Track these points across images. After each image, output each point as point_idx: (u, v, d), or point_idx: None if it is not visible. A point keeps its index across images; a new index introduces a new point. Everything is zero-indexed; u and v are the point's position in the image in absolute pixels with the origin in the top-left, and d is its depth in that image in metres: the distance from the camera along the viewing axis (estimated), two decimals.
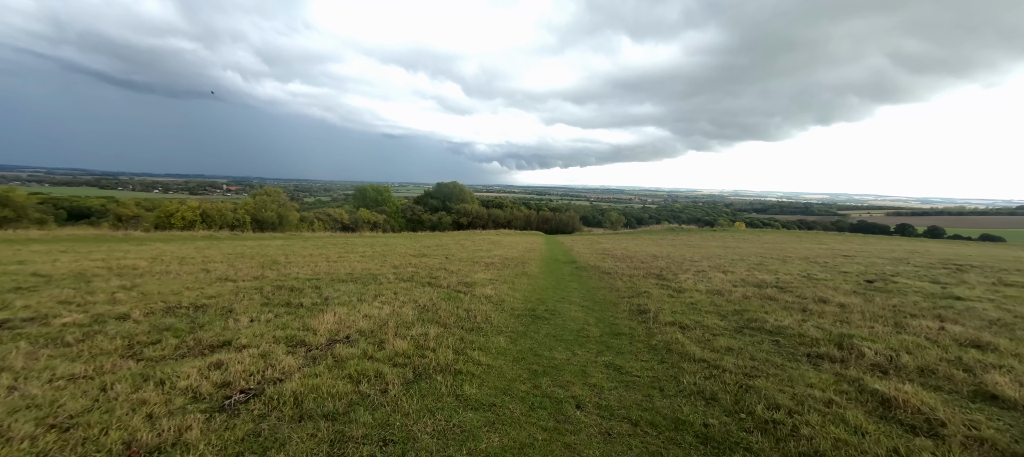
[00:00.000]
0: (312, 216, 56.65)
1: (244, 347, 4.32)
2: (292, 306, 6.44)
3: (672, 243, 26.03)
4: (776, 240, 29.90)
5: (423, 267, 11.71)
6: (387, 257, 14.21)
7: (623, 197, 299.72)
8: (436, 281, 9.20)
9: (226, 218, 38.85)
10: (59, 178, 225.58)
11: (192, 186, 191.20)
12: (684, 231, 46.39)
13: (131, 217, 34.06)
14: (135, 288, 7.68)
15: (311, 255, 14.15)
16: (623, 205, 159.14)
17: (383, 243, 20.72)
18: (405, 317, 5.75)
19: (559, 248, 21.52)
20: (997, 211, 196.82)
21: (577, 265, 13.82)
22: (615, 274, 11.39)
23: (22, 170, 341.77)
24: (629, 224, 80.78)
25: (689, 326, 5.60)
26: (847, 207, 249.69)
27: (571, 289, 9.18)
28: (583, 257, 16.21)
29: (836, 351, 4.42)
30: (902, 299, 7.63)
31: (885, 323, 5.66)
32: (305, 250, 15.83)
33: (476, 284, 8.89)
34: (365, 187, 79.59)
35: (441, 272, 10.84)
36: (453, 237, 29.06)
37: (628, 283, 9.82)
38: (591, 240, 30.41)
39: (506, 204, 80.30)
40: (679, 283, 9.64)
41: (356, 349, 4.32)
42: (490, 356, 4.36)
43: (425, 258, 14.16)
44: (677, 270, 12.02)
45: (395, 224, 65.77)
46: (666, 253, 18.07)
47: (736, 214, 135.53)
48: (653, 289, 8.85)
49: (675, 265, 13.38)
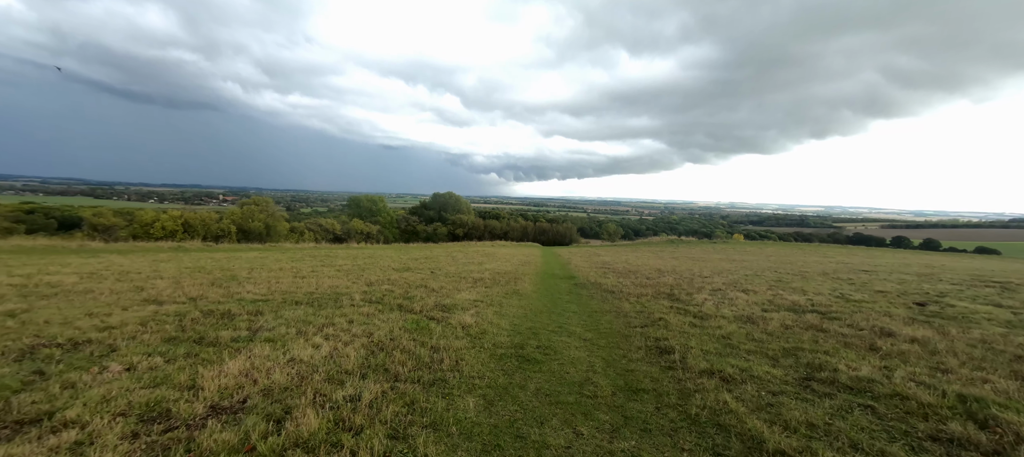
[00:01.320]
0: (302, 227, 54.96)
1: (62, 427, 2.77)
2: (204, 343, 4.88)
3: (674, 256, 24.52)
4: (780, 253, 28.40)
5: (401, 284, 10.16)
6: (365, 271, 12.64)
7: (620, 208, 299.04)
8: (409, 304, 7.64)
9: (210, 228, 37.17)
10: (54, 187, 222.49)
11: (189, 196, 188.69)
12: (684, 243, 44.92)
13: (107, 227, 32.29)
14: (24, 313, 6.09)
15: (280, 269, 12.57)
16: (620, 216, 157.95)
17: (367, 255, 19.12)
18: (344, 363, 4.19)
19: (556, 261, 19.98)
20: (990, 224, 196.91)
21: (576, 281, 12.28)
22: (620, 293, 9.85)
23: (17, 179, 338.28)
24: (627, 236, 79.39)
25: (734, 378, 4.06)
26: (842, 219, 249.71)
27: (570, 314, 7.62)
28: (582, 272, 14.68)
29: (975, 431, 2.91)
30: (981, 330, 6.12)
31: (998, 371, 4.16)
32: (277, 263, 14.23)
33: (456, 307, 7.33)
34: (359, 197, 77.98)
35: (420, 290, 9.28)
36: (445, 249, 27.46)
37: (637, 305, 8.27)
38: (589, 252, 28.88)
39: (503, 215, 78.77)
40: (697, 306, 8.11)
41: (237, 431, 2.76)
42: (447, 442, 2.81)
43: (408, 272, 12.60)
44: (690, 288, 10.50)
45: (389, 235, 64.07)
46: (671, 267, 16.56)
47: (733, 226, 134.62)
48: (669, 315, 7.31)
49: (686, 282, 11.88)
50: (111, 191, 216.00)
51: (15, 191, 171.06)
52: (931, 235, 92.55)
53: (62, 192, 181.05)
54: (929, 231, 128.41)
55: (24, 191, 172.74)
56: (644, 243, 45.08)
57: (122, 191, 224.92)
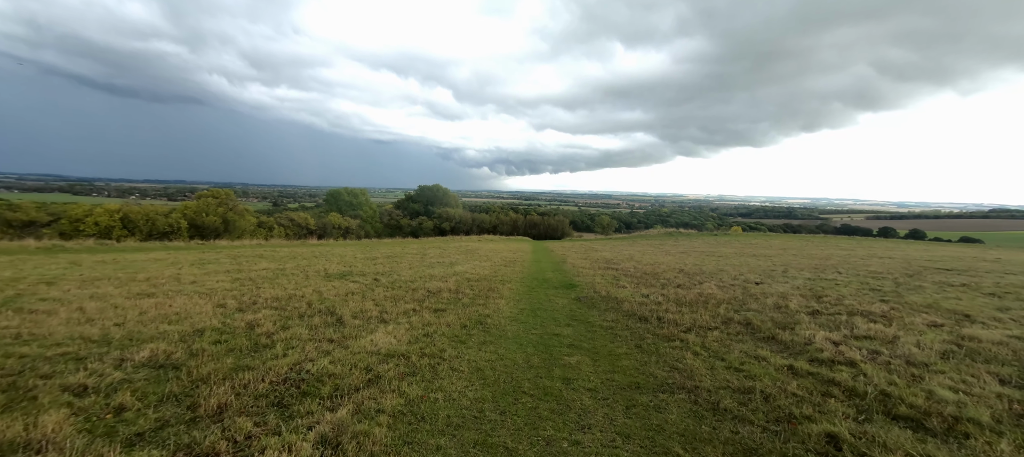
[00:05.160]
0: (272, 221, 50.59)
1: None
2: None
3: (681, 250, 21.14)
4: (786, 245, 25.07)
5: (297, 306, 6.58)
6: (275, 280, 8.97)
7: (611, 202, 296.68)
8: (241, 366, 4.09)
9: (156, 224, 32.86)
10: (30, 184, 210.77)
11: (171, 192, 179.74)
12: (683, 236, 41.80)
13: (26, 223, 27.86)
14: None
15: (170, 277, 8.86)
16: (611, 210, 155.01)
17: (315, 254, 15.33)
18: None
19: (548, 259, 16.46)
20: (970, 214, 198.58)
21: (578, 293, 8.77)
22: (655, 318, 6.34)
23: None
24: (618, 229, 76.34)
25: None
26: (828, 211, 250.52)
27: (581, 391, 3.96)
28: (584, 274, 11.21)
29: None
30: None
31: None
32: (171, 269, 10.48)
33: (333, 386, 3.81)
34: (339, 190, 73.63)
35: (313, 321, 5.74)
36: (421, 245, 23.75)
37: (707, 358, 4.61)
38: (586, 247, 25.44)
39: (493, 209, 74.93)
40: (816, 349, 4.74)
41: None
42: None
43: (339, 282, 8.97)
44: (756, 305, 7.11)
45: (370, 229, 59.93)
46: (692, 265, 13.15)
47: (722, 218, 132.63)
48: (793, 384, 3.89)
49: (727, 288, 8.51)
50: (91, 187, 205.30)
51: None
52: (916, 225, 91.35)
53: (39, 188, 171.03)
54: (913, 222, 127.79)
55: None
56: (641, 236, 41.90)
57: (102, 187, 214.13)
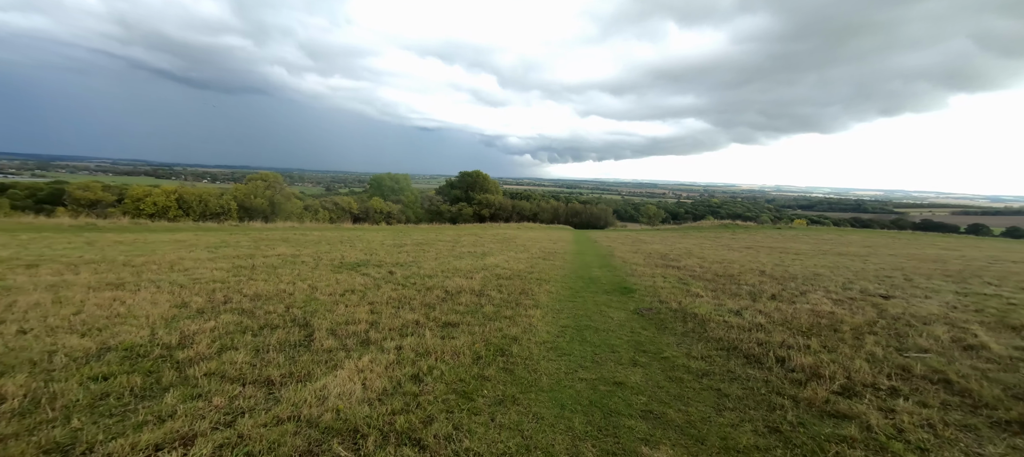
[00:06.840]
0: (317, 204, 51.97)
1: None
2: None
3: (745, 245, 18.53)
4: (869, 242, 21.36)
5: (271, 309, 5.40)
6: (279, 271, 7.95)
7: (656, 191, 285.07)
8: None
9: (208, 205, 34.17)
10: (122, 168, 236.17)
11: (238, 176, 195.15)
12: (740, 228, 38.08)
13: (93, 202, 29.67)
14: None
15: (168, 262, 8.11)
16: (656, 199, 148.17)
17: (342, 238, 14.46)
18: None
19: (593, 251, 14.70)
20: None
21: (635, 297, 7.03)
22: (769, 357, 4.51)
23: (91, 161, 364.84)
24: (665, 220, 72.24)
25: None
26: (904, 205, 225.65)
27: None
28: (638, 272, 9.41)
29: None
30: None
31: None
32: (178, 253, 9.82)
33: None
34: (382, 176, 74.98)
35: (272, 337, 4.49)
36: (456, 231, 22.66)
37: None
38: (633, 239, 23.31)
39: (534, 196, 73.35)
40: None
41: None
42: None
43: (350, 273, 7.81)
44: (910, 333, 5.13)
45: (412, 215, 60.32)
46: (772, 266, 10.89)
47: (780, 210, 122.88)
48: None
49: (845, 303, 6.45)
50: (171, 171, 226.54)
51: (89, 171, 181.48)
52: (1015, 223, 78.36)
53: (128, 172, 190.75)
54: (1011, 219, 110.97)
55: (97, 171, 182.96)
56: (693, 228, 38.66)
57: (181, 171, 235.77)
